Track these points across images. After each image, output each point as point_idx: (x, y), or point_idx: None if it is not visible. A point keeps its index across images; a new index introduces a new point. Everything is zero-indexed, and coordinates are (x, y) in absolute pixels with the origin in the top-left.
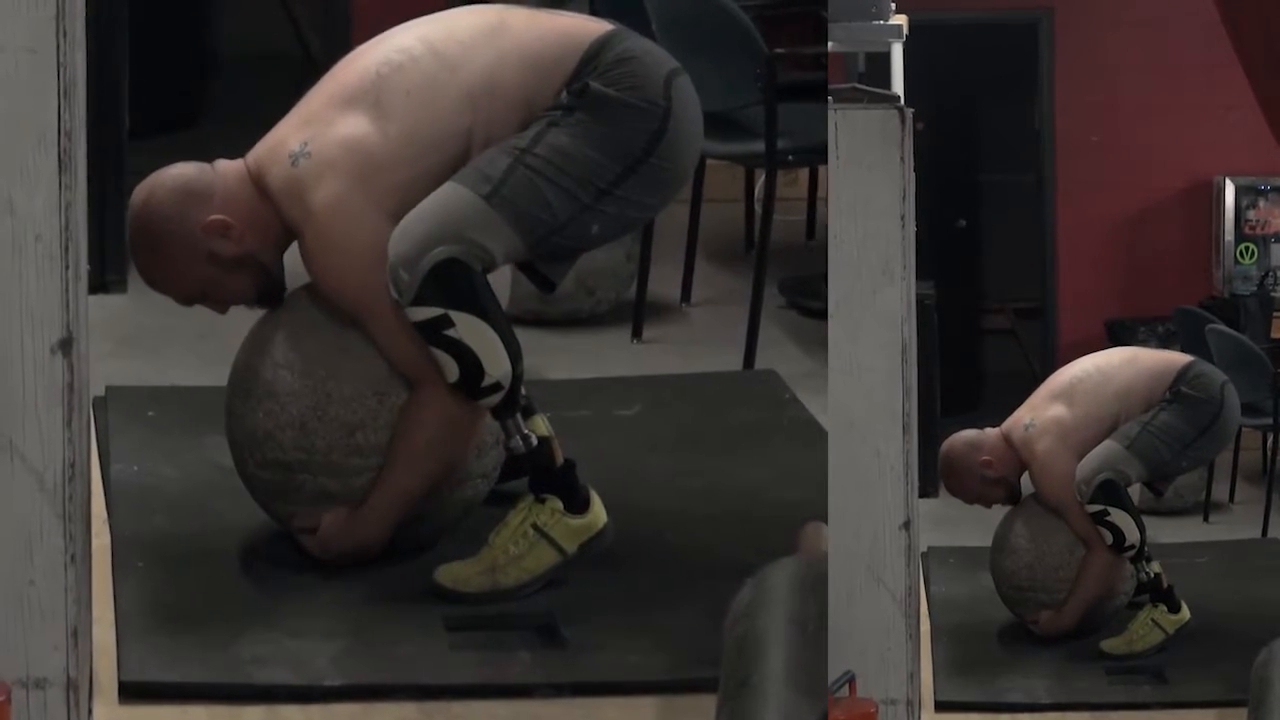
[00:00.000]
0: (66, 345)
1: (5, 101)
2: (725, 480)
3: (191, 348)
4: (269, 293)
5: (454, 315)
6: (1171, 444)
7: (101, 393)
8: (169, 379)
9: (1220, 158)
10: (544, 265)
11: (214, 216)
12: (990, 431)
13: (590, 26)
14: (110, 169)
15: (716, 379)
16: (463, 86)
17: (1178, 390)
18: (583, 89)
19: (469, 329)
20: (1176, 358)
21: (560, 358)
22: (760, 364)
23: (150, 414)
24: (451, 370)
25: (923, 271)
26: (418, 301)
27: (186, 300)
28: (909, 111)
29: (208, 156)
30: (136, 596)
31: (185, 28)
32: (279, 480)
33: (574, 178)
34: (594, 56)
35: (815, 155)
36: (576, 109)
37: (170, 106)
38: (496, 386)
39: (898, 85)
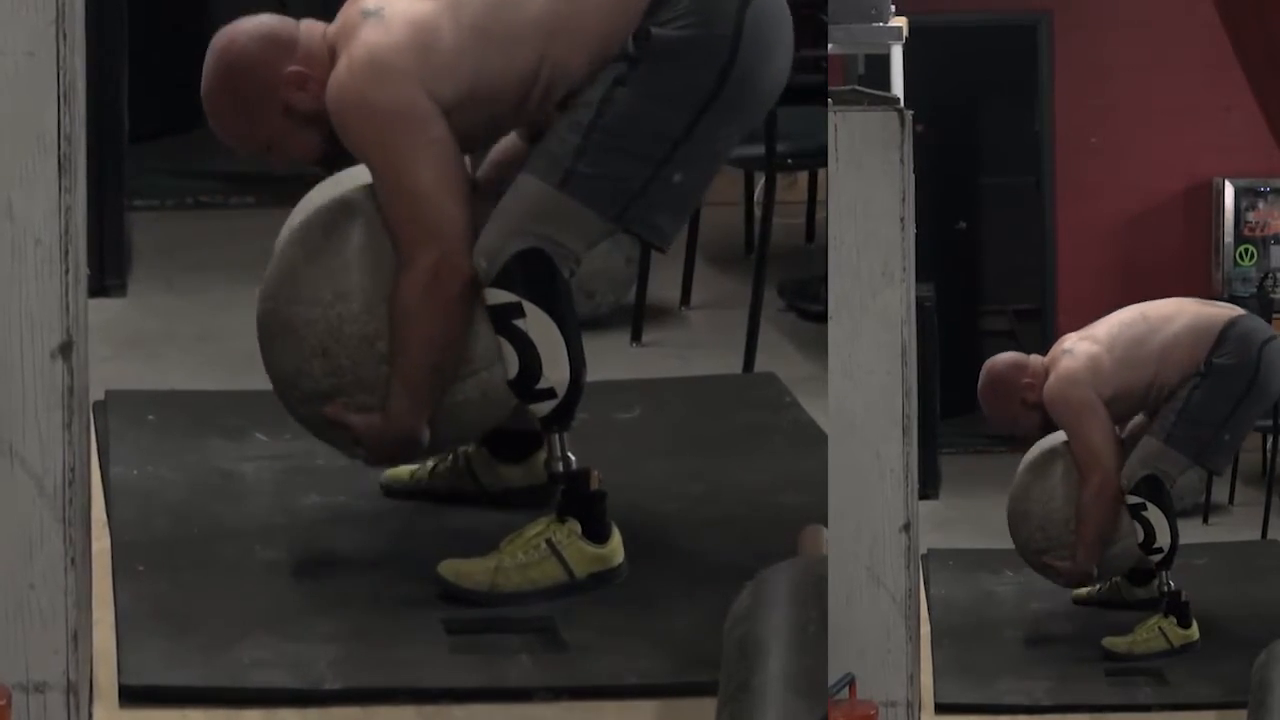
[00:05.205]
0: (66, 349)
1: (5, 105)
2: (725, 483)
3: (191, 351)
4: (332, 156)
5: (526, 306)
6: (1211, 422)
7: (101, 397)
8: (169, 383)
9: (1220, 159)
10: (642, 230)
11: (295, 67)
12: (1034, 356)
13: None
14: (110, 172)
15: (716, 382)
16: (546, 8)
17: (1210, 363)
18: (645, 35)
19: (537, 324)
20: (1219, 314)
21: None
22: (760, 367)
23: (150, 418)
24: (512, 363)
25: (922, 273)
26: (496, 284)
27: (254, 150)
28: (908, 113)
29: (208, 159)
30: (136, 600)
31: (185, 31)
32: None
33: (645, 138)
34: None
35: (814, 158)
36: (641, 59)
37: (170, 110)
38: (551, 393)
39: (897, 87)
